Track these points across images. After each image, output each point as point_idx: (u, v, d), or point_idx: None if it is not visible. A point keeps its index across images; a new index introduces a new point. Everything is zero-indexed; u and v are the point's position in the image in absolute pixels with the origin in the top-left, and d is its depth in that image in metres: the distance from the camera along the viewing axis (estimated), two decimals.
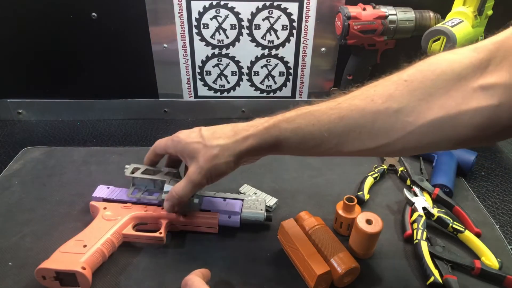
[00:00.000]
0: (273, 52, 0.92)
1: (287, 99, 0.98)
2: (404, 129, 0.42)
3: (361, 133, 0.45)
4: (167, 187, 0.59)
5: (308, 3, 0.85)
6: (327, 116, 0.47)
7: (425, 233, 0.59)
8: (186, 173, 0.54)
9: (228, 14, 0.86)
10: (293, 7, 0.86)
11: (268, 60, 0.93)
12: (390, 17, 0.78)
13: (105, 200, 0.63)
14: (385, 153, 0.49)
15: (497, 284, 0.54)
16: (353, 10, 0.78)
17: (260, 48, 0.91)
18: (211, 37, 0.89)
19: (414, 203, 0.64)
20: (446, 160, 0.75)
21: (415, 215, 0.62)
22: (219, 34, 0.89)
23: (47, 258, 0.52)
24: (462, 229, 0.60)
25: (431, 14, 0.80)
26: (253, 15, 0.87)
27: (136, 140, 0.89)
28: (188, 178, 0.54)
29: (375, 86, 0.47)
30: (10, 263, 0.56)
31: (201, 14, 0.86)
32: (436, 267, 0.55)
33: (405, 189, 0.67)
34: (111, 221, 0.59)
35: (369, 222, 0.56)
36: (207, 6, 0.85)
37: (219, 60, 0.92)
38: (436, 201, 0.66)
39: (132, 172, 0.64)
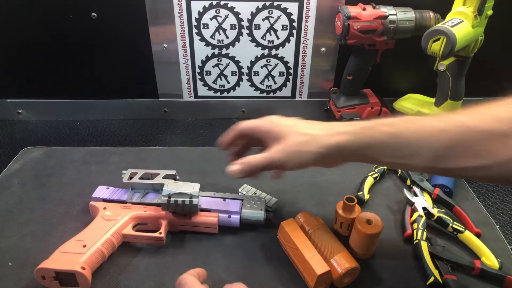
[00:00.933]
0: (273, 52, 0.92)
1: (287, 99, 0.98)
2: (507, 154, 0.41)
3: (462, 151, 0.43)
4: (165, 191, 0.58)
5: (308, 3, 0.85)
6: (430, 127, 0.45)
7: (425, 233, 0.59)
8: (267, 148, 0.53)
9: (228, 14, 0.86)
10: (293, 7, 0.86)
11: (268, 60, 0.93)
12: (390, 17, 0.78)
13: (105, 200, 0.63)
14: (480, 176, 0.48)
15: (497, 284, 0.54)
16: (353, 10, 0.78)
17: (260, 48, 0.91)
18: (211, 37, 0.89)
19: (414, 203, 0.64)
20: None
21: (415, 215, 0.62)
22: (219, 34, 0.89)
23: (46, 258, 0.52)
24: (462, 229, 0.60)
25: (431, 14, 0.80)
26: (253, 15, 0.87)
27: (136, 140, 0.89)
28: (269, 152, 0.52)
29: (488, 107, 0.46)
30: (10, 263, 0.56)
31: (201, 14, 0.86)
32: (436, 267, 0.55)
33: (405, 189, 0.67)
34: (111, 221, 0.59)
35: (369, 222, 0.56)
36: (207, 6, 0.85)
37: (219, 60, 0.92)
38: (436, 201, 0.66)
39: (130, 178, 0.64)
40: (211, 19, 0.87)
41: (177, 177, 0.65)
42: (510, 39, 0.92)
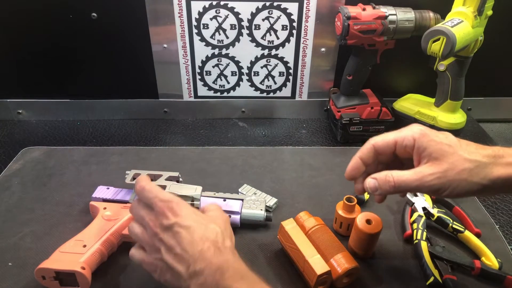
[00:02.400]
0: (273, 52, 0.92)
1: (287, 99, 0.98)
2: None
3: None
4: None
5: (308, 3, 0.85)
6: None
7: (425, 233, 0.59)
8: (418, 168, 0.45)
9: (228, 14, 0.86)
10: (293, 7, 0.86)
11: (268, 60, 0.93)
12: (390, 17, 0.78)
13: (105, 200, 0.63)
14: None
15: (497, 284, 0.54)
16: (353, 10, 0.78)
17: (260, 48, 0.91)
18: (211, 37, 0.89)
19: (414, 203, 0.64)
20: None
21: (415, 215, 0.62)
22: (219, 34, 0.89)
23: (47, 258, 0.52)
24: (462, 229, 0.60)
25: (431, 14, 0.80)
26: (253, 15, 0.87)
27: (136, 140, 0.89)
28: (421, 175, 0.44)
29: None
30: (10, 263, 0.56)
31: (201, 14, 0.86)
32: (436, 267, 0.55)
33: None
34: (111, 221, 0.59)
35: (369, 222, 0.56)
36: (207, 6, 0.85)
37: (219, 60, 0.92)
38: (436, 201, 0.66)
39: (133, 179, 0.64)
40: (211, 19, 0.87)
41: (180, 179, 0.65)
42: (510, 39, 0.92)
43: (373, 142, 0.48)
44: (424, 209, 0.63)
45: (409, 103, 0.90)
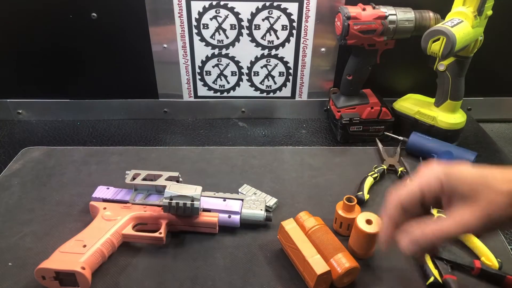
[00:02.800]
0: (273, 52, 0.92)
1: (287, 99, 0.98)
2: None
3: None
4: (167, 193, 0.58)
5: (308, 3, 0.85)
6: None
7: None
8: (454, 213, 0.40)
9: (228, 14, 0.86)
10: (293, 7, 0.86)
11: (268, 60, 0.93)
12: (390, 17, 0.78)
13: (105, 200, 0.63)
14: None
15: (497, 284, 0.54)
16: (353, 10, 0.78)
17: (260, 48, 0.91)
18: (211, 37, 0.89)
19: None
20: (446, 160, 0.75)
21: None
22: (219, 34, 0.89)
23: (46, 258, 0.52)
24: None
25: (431, 14, 0.80)
26: (253, 15, 0.87)
27: (136, 140, 0.89)
28: (463, 222, 0.39)
29: None
30: (10, 263, 0.56)
31: (201, 14, 0.86)
32: (436, 267, 0.55)
33: None
34: (111, 221, 0.59)
35: (369, 222, 0.56)
36: (207, 6, 0.85)
37: (219, 60, 0.92)
38: None
39: (133, 179, 0.64)
40: (211, 19, 0.87)
41: (180, 179, 0.65)
42: (510, 39, 0.92)
43: (400, 201, 0.42)
44: None
45: (409, 103, 0.90)
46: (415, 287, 0.54)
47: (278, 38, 0.90)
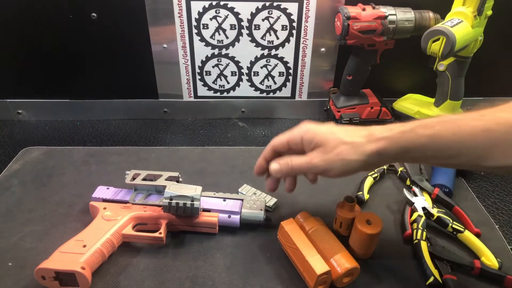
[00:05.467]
0: (273, 52, 0.92)
1: (287, 99, 0.98)
2: None
3: (507, 148, 0.43)
4: (167, 193, 0.58)
5: (308, 3, 0.85)
6: (469, 127, 0.44)
7: (425, 233, 0.59)
8: (308, 153, 0.52)
9: (228, 14, 0.86)
10: (292, 7, 0.86)
11: (268, 60, 0.93)
12: (390, 17, 0.78)
13: (105, 200, 0.63)
14: None
15: (497, 284, 0.54)
16: (352, 10, 0.78)
17: (259, 48, 0.91)
18: (211, 37, 0.89)
19: (413, 203, 0.64)
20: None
21: (414, 215, 0.62)
22: (219, 34, 0.89)
23: (46, 258, 0.52)
24: (462, 229, 0.60)
25: (431, 14, 0.80)
26: (253, 15, 0.87)
27: (136, 140, 0.89)
28: (310, 159, 0.52)
29: None
30: (10, 263, 0.56)
31: (200, 14, 0.86)
32: (436, 267, 0.55)
33: (404, 189, 0.67)
34: (111, 221, 0.59)
35: (368, 222, 0.56)
36: (206, 6, 0.85)
37: (219, 60, 0.92)
38: (436, 201, 0.66)
39: (133, 179, 0.64)
40: (211, 19, 0.87)
41: (180, 179, 0.65)
42: (510, 39, 0.92)
43: (272, 144, 0.57)
44: (424, 209, 0.63)
45: (409, 103, 0.90)
46: (415, 287, 0.54)
47: (278, 38, 0.90)
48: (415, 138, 0.47)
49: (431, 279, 0.53)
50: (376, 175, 0.73)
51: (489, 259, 0.56)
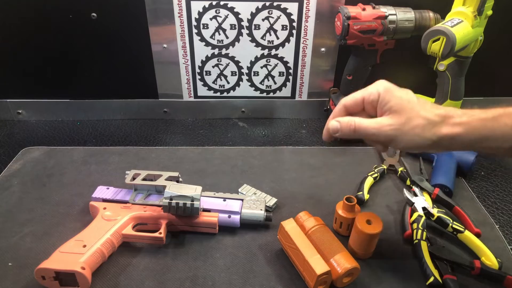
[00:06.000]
0: (273, 52, 0.92)
1: (287, 99, 0.98)
2: None
3: None
4: (167, 193, 0.58)
5: (308, 3, 0.85)
6: None
7: (425, 233, 0.59)
8: (378, 118, 0.49)
9: (228, 14, 0.86)
10: (293, 7, 0.86)
11: (268, 60, 0.93)
12: (390, 17, 0.78)
13: (105, 200, 0.63)
14: None
15: (497, 284, 0.54)
16: (352, 10, 0.78)
17: (260, 48, 0.91)
18: (211, 37, 0.89)
19: (414, 203, 0.64)
20: (446, 160, 0.75)
21: (415, 215, 0.62)
22: (219, 34, 0.89)
23: (46, 258, 0.52)
24: (462, 229, 0.60)
25: (431, 14, 0.80)
26: (253, 15, 0.87)
27: (136, 140, 0.89)
28: (379, 124, 0.48)
29: None
30: (10, 263, 0.56)
31: (200, 14, 0.86)
32: (436, 267, 0.55)
33: (405, 189, 0.67)
34: (111, 221, 0.59)
35: (369, 222, 0.56)
36: (206, 6, 0.85)
37: (219, 60, 0.92)
38: (436, 201, 0.66)
39: (133, 179, 0.64)
40: (211, 19, 0.87)
41: (180, 179, 0.65)
42: (510, 39, 0.92)
43: (344, 102, 0.52)
44: (424, 209, 0.63)
45: None
46: (415, 287, 0.54)
47: (278, 38, 0.90)
48: (497, 127, 0.45)
49: (431, 279, 0.53)
50: (376, 175, 0.73)
51: (489, 259, 0.56)
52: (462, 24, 0.71)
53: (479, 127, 0.46)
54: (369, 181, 0.71)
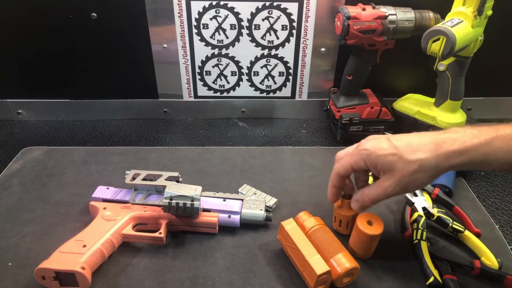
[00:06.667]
0: (273, 52, 0.92)
1: (287, 99, 0.98)
2: None
3: None
4: (167, 193, 0.58)
5: (308, 3, 0.85)
6: None
7: (425, 233, 0.59)
8: (379, 181, 0.52)
9: (228, 14, 0.86)
10: (293, 7, 0.86)
11: (268, 60, 0.93)
12: (390, 17, 0.78)
13: (105, 200, 0.63)
14: None
15: (497, 284, 0.54)
16: (352, 10, 0.78)
17: (260, 48, 0.91)
18: (211, 37, 0.89)
19: (414, 203, 0.64)
20: None
21: (415, 215, 0.62)
22: (219, 34, 0.89)
23: (46, 258, 0.52)
24: (462, 229, 0.60)
25: (431, 14, 0.80)
26: (253, 15, 0.87)
27: (136, 140, 0.89)
28: (383, 188, 0.51)
29: None
30: (10, 263, 0.56)
31: (200, 14, 0.86)
32: (436, 267, 0.55)
33: None
34: (111, 221, 0.59)
35: (370, 223, 0.56)
36: (206, 6, 0.85)
37: (219, 60, 0.92)
38: (436, 201, 0.66)
39: (133, 179, 0.64)
40: (211, 19, 0.87)
41: (180, 179, 0.65)
42: (510, 39, 0.92)
43: (337, 171, 0.56)
44: (424, 209, 0.63)
45: (409, 103, 0.90)
46: (415, 287, 0.54)
47: (278, 38, 0.90)
48: (492, 153, 0.45)
49: (431, 279, 0.53)
50: None
51: (489, 259, 0.56)
52: (462, 24, 0.71)
53: (474, 154, 0.46)
54: (369, 181, 0.71)
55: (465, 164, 0.47)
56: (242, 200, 0.64)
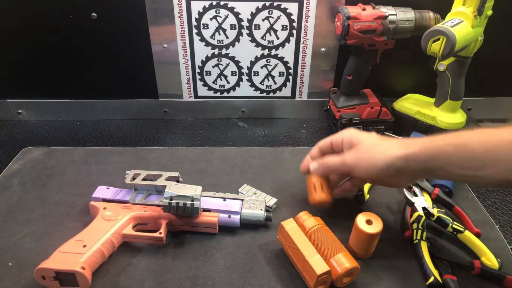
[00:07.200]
0: (273, 52, 0.92)
1: (287, 99, 0.98)
2: None
3: None
4: (167, 193, 0.58)
5: (308, 3, 0.85)
6: (497, 137, 0.45)
7: (425, 233, 0.59)
8: (343, 154, 0.57)
9: (228, 14, 0.86)
10: (293, 7, 0.86)
11: (268, 60, 0.93)
12: (390, 17, 0.78)
13: (105, 200, 0.63)
14: None
15: (497, 284, 0.54)
16: (353, 10, 0.78)
17: (260, 48, 0.91)
18: (211, 37, 0.89)
19: (414, 203, 0.64)
20: None
21: (415, 215, 0.62)
22: (219, 34, 0.89)
23: (46, 258, 0.52)
24: (462, 229, 0.60)
25: (431, 14, 0.80)
26: (253, 15, 0.87)
27: (136, 140, 0.89)
28: (343, 158, 0.57)
29: None
30: (10, 263, 0.56)
31: (201, 14, 0.86)
32: (436, 267, 0.55)
33: (404, 189, 0.67)
34: (111, 221, 0.59)
35: (369, 222, 0.56)
36: (207, 6, 0.85)
37: (219, 60, 0.92)
38: (436, 201, 0.66)
39: (133, 179, 0.64)
40: (211, 19, 0.87)
41: (180, 179, 0.65)
42: (510, 39, 0.92)
43: (318, 144, 0.62)
44: (424, 209, 0.63)
45: (409, 103, 0.90)
46: (415, 287, 0.54)
47: (278, 38, 0.90)
48: (443, 146, 0.48)
49: (431, 279, 0.53)
50: None
51: (489, 259, 0.56)
52: (462, 24, 0.71)
53: (428, 146, 0.49)
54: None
55: (421, 158, 0.49)
56: (242, 200, 0.64)
